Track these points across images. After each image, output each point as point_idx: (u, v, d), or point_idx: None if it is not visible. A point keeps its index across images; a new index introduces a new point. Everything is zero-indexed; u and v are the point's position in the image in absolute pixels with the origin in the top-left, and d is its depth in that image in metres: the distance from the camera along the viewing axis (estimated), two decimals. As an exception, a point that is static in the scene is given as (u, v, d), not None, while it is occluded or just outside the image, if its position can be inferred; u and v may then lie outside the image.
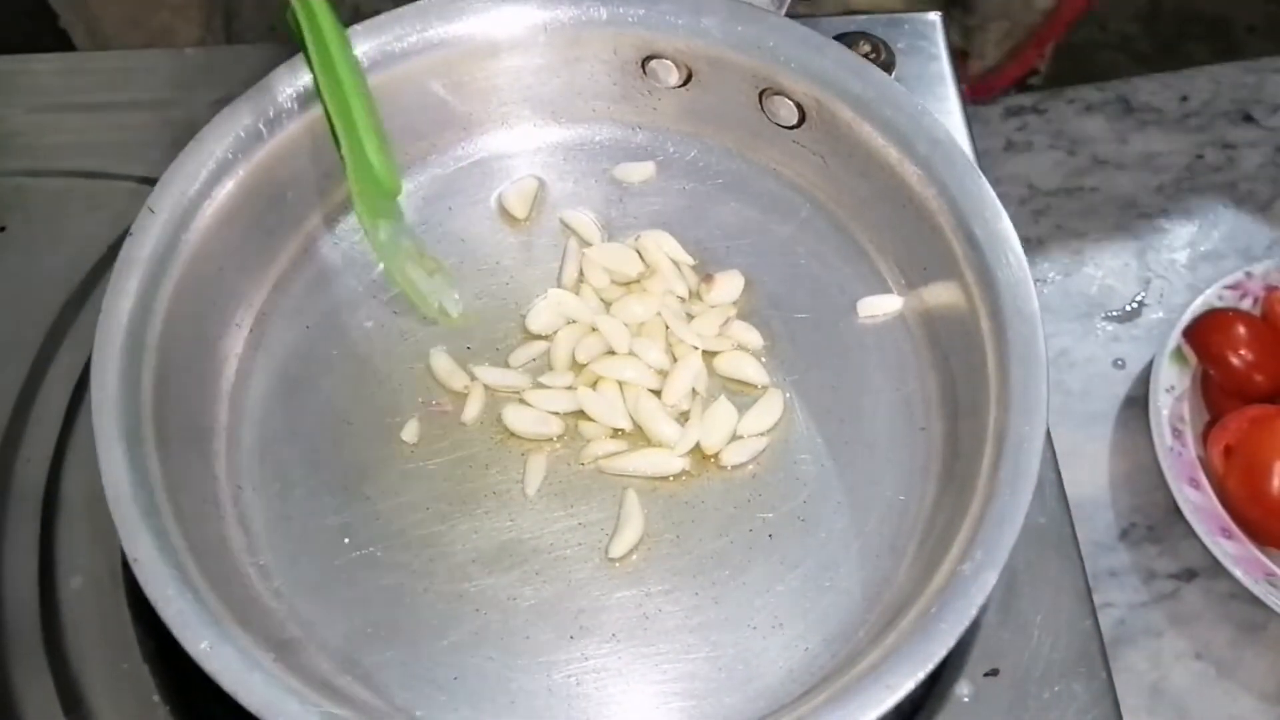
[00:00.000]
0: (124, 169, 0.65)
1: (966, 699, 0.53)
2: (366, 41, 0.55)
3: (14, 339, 0.61)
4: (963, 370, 0.52)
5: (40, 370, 0.60)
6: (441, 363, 0.55)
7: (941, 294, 0.54)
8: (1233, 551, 0.63)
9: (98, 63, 0.73)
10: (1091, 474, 0.71)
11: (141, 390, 0.48)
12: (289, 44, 0.57)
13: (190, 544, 0.46)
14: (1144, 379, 0.72)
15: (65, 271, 0.63)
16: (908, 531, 0.51)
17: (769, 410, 0.54)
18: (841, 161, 0.56)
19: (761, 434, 0.54)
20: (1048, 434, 0.56)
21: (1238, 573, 0.63)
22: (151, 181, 0.64)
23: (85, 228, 0.64)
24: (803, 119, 0.56)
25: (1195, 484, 0.66)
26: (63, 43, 1.00)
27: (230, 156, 0.52)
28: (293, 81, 0.54)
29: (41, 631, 0.54)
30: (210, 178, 0.52)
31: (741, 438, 0.54)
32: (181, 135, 0.53)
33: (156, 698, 0.52)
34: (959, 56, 0.79)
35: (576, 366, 0.56)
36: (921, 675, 0.42)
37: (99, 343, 0.48)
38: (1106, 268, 0.80)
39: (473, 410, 0.54)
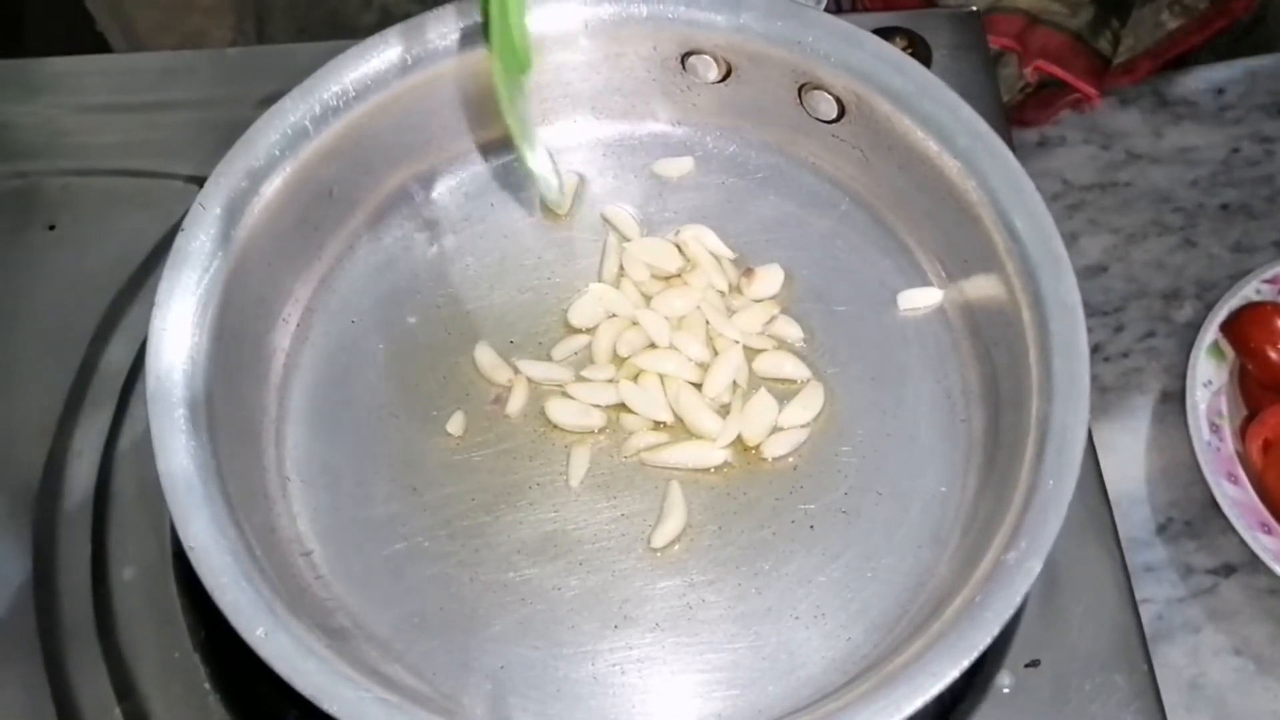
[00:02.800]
0: (169, 168, 0.66)
1: (1007, 690, 0.53)
2: (409, 41, 0.55)
3: (64, 335, 0.62)
4: (1004, 362, 0.52)
5: (90, 366, 0.61)
6: (485, 356, 0.56)
7: (982, 286, 0.54)
8: (1272, 546, 0.63)
9: (142, 64, 0.73)
10: (1128, 469, 0.71)
11: (194, 382, 0.48)
12: (328, 43, 0.58)
13: (243, 533, 0.46)
14: (1180, 373, 0.71)
15: (113, 269, 0.64)
16: (949, 522, 0.51)
17: (810, 402, 0.54)
18: (881, 155, 0.57)
19: (802, 426, 0.54)
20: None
21: (1277, 568, 0.62)
22: (196, 179, 0.65)
23: (132, 225, 0.65)
24: (842, 113, 0.57)
25: (1233, 479, 0.66)
26: (101, 45, 1.01)
27: (278, 154, 0.53)
28: (340, 79, 0.54)
29: (95, 621, 0.55)
30: (259, 175, 0.53)
31: (782, 429, 0.54)
32: (225, 134, 0.54)
33: (207, 685, 0.53)
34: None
35: (618, 360, 0.56)
36: (966, 663, 0.42)
37: (153, 335, 0.49)
38: (1142, 261, 0.80)
39: (516, 403, 0.55)
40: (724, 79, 0.58)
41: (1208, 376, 0.70)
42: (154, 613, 0.55)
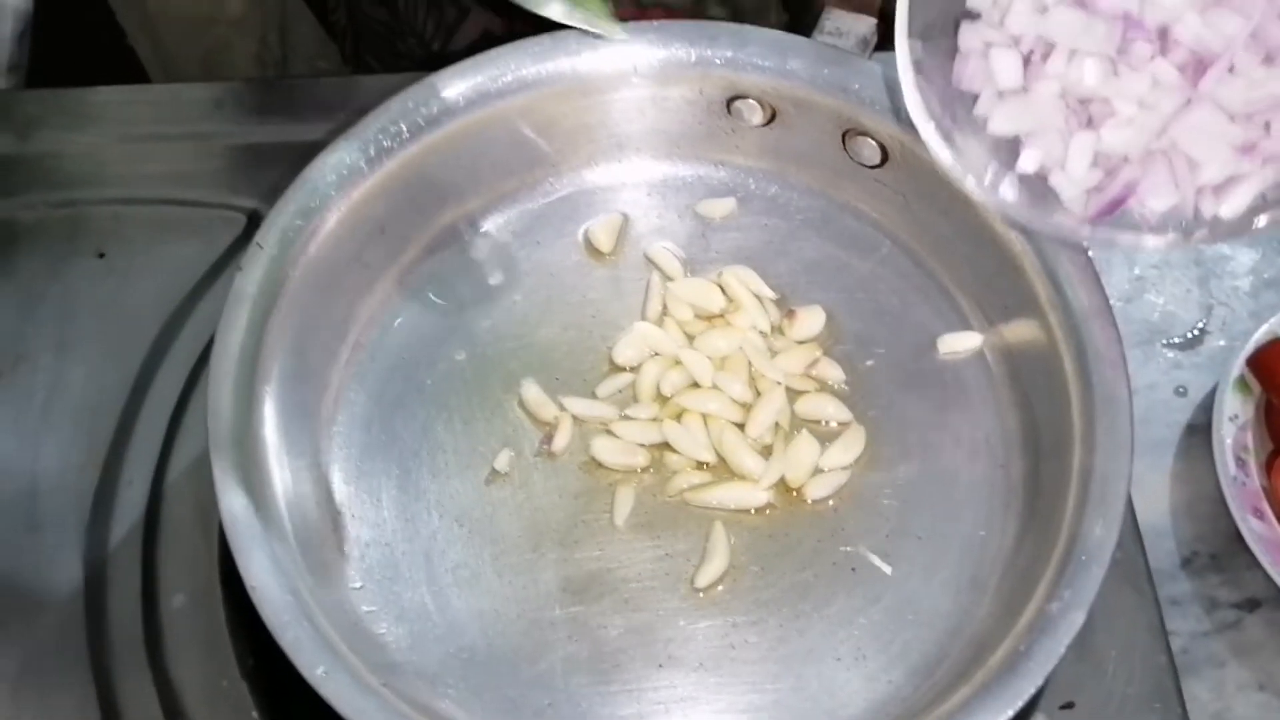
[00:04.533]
0: (216, 197, 0.68)
1: (1043, 731, 0.54)
2: (463, 81, 0.57)
3: (114, 363, 0.63)
4: (1044, 409, 0.53)
5: (140, 394, 0.62)
6: (532, 393, 0.57)
7: (1023, 332, 0.55)
8: None
9: (188, 94, 0.75)
10: (1153, 502, 0.71)
11: (253, 421, 0.49)
12: (371, 76, 0.59)
13: (299, 570, 0.47)
14: (1206, 407, 0.71)
15: (161, 297, 0.65)
16: (989, 567, 0.52)
17: (851, 445, 0.55)
18: (923, 201, 0.58)
19: (844, 468, 0.55)
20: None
21: None
22: (243, 209, 0.67)
23: (181, 254, 0.66)
24: (885, 159, 0.58)
25: (1259, 514, 0.66)
26: (130, 57, 1.02)
27: (333, 193, 0.54)
28: (394, 119, 0.55)
29: (145, 647, 0.56)
30: (314, 213, 0.54)
31: (824, 471, 0.55)
32: (270, 164, 0.55)
33: (255, 714, 0.54)
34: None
35: (661, 399, 0.57)
36: (1011, 712, 0.43)
37: (213, 376, 0.50)
38: (1168, 294, 0.80)
39: (562, 441, 0.56)
40: (769, 123, 0.59)
41: (1234, 411, 0.70)
42: (203, 640, 0.56)
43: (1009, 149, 0.46)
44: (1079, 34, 0.43)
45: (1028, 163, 0.45)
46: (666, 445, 0.56)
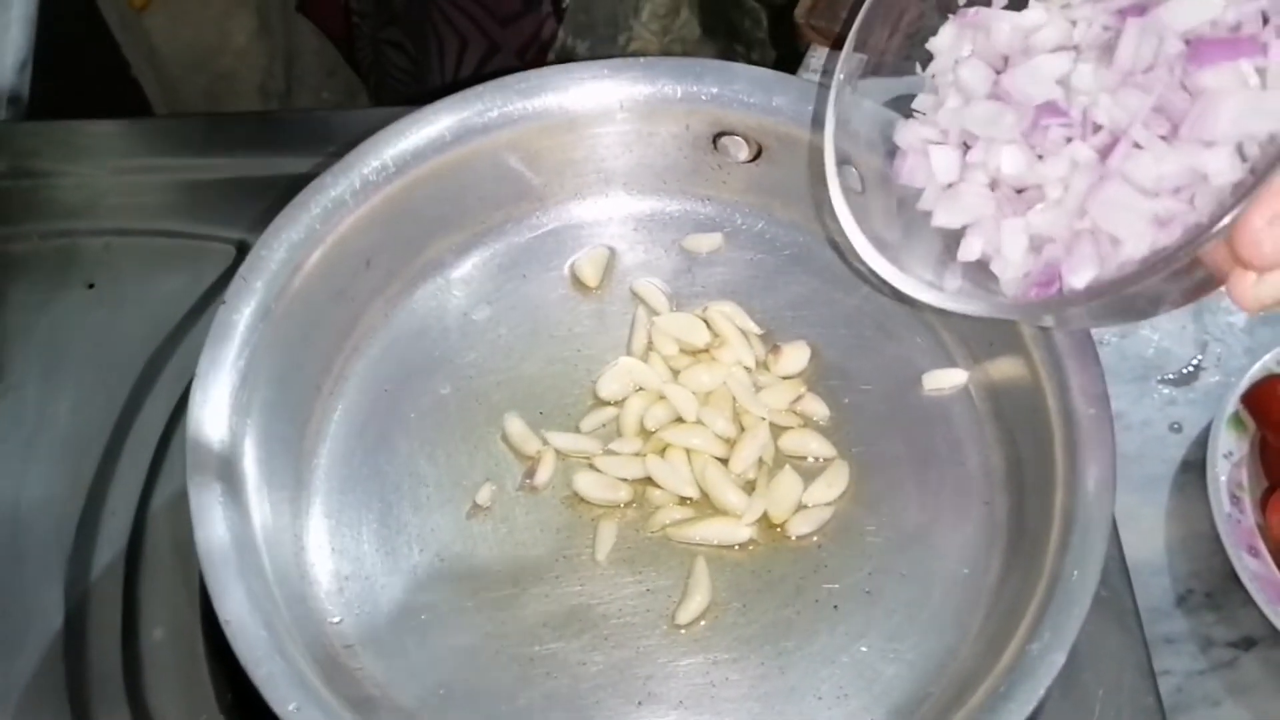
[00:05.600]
0: (207, 229, 0.68)
1: (1028, 772, 0.53)
2: (449, 116, 0.57)
3: (100, 394, 0.63)
4: (1029, 447, 0.53)
5: (125, 425, 0.62)
6: (515, 427, 0.57)
7: (1007, 369, 0.55)
8: None
9: (180, 127, 0.75)
10: (1148, 539, 0.70)
11: (232, 455, 0.49)
12: (363, 110, 0.59)
13: (276, 605, 0.47)
14: (1201, 443, 0.71)
15: (151, 328, 0.65)
16: (972, 605, 0.52)
17: (835, 481, 0.55)
18: (908, 237, 0.58)
19: (827, 504, 0.55)
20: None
21: None
22: (233, 241, 0.67)
23: (170, 285, 0.66)
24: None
25: (1254, 552, 0.66)
26: (135, 88, 1.03)
27: (318, 227, 0.54)
28: (380, 154, 0.56)
29: (123, 679, 0.55)
30: (299, 247, 0.54)
31: (807, 507, 0.55)
32: (262, 197, 0.56)
33: (233, 750, 0.54)
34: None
35: (645, 433, 0.57)
36: (991, 755, 0.42)
37: (193, 409, 0.50)
38: (1163, 330, 0.80)
39: (544, 475, 0.56)
40: (754, 159, 0.60)
41: (1229, 448, 0.70)
42: (182, 674, 0.55)
43: (956, 239, 0.47)
44: (990, 123, 0.45)
45: (968, 251, 0.46)
46: (649, 480, 0.56)
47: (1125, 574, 0.58)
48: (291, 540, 0.53)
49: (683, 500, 0.55)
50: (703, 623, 0.53)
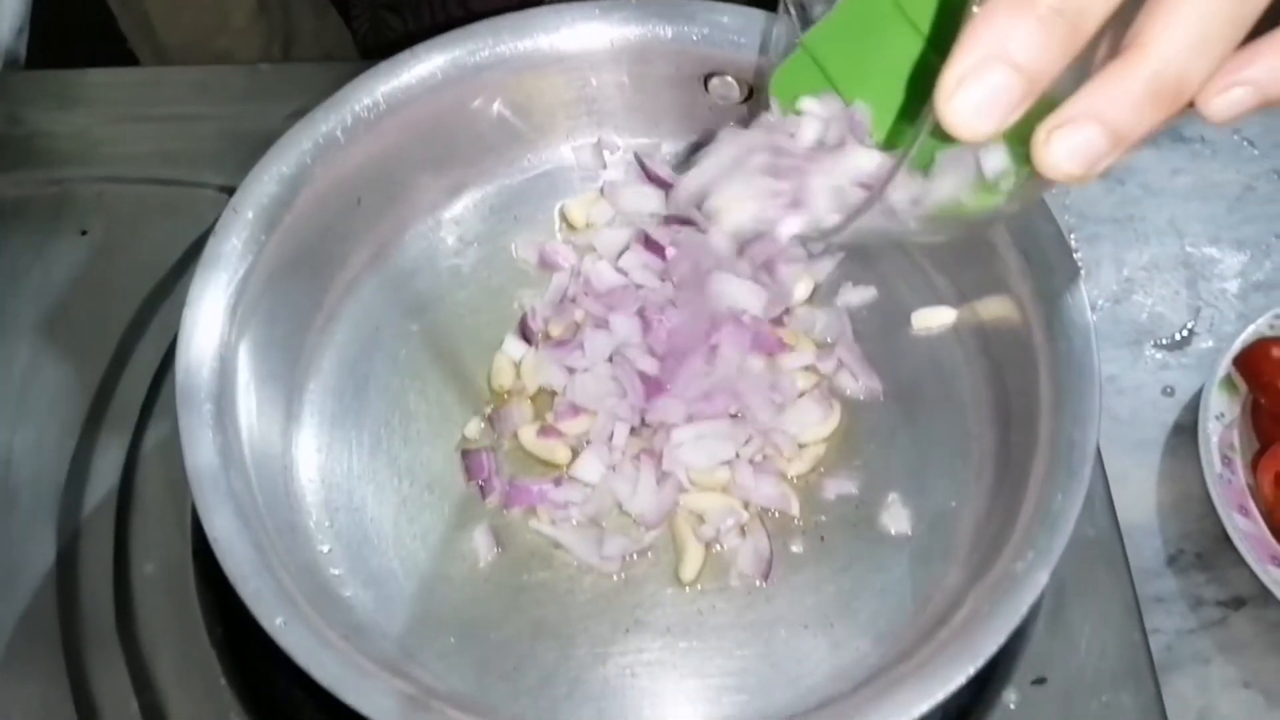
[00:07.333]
0: (200, 177, 0.68)
1: (1013, 706, 0.53)
2: (440, 54, 0.57)
3: (93, 338, 0.63)
4: (1016, 382, 0.53)
5: (118, 367, 0.63)
6: (504, 364, 0.57)
7: (995, 307, 0.55)
8: None
9: (175, 77, 0.75)
10: (1140, 500, 0.70)
11: (221, 380, 0.50)
12: (359, 63, 0.59)
13: (265, 528, 0.47)
14: (1193, 406, 0.71)
15: (143, 273, 0.65)
16: (958, 537, 0.52)
17: (827, 420, 0.55)
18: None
19: (820, 441, 0.55)
20: (1098, 450, 0.57)
21: None
22: (226, 189, 0.67)
23: (163, 232, 0.67)
24: (860, 135, 0.58)
25: (1245, 511, 0.66)
26: (131, 64, 1.03)
27: (309, 162, 0.54)
28: (372, 91, 0.56)
29: (115, 615, 0.56)
30: (290, 182, 0.54)
31: (801, 446, 0.55)
32: (255, 146, 0.55)
33: (223, 682, 0.54)
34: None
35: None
36: (972, 670, 0.43)
37: (183, 332, 0.50)
38: (1156, 295, 0.80)
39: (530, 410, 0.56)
40: (746, 100, 0.60)
41: (1220, 410, 0.70)
42: (173, 609, 0.56)
43: None
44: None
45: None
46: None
47: (1113, 515, 0.59)
48: (281, 471, 0.53)
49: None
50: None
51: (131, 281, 0.65)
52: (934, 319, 0.58)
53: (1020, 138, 0.33)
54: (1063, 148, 0.32)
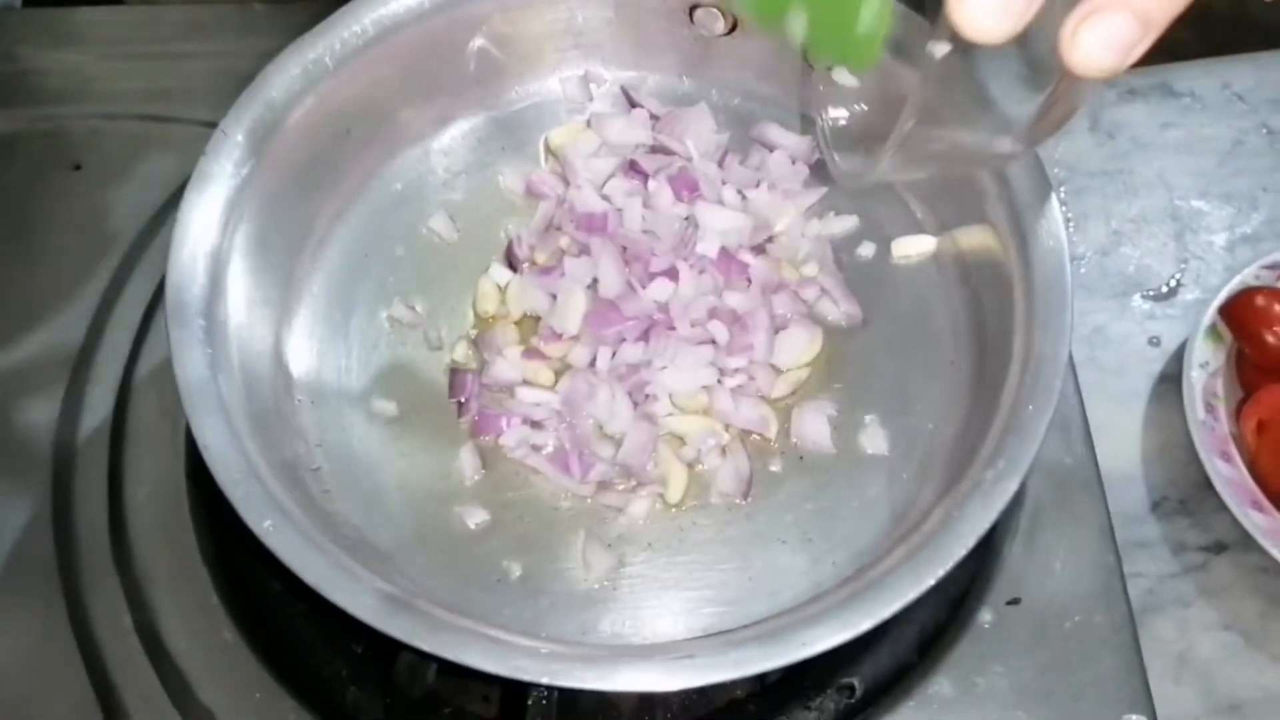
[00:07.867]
0: (191, 114, 0.69)
1: (988, 625, 0.54)
2: (428, -15, 0.57)
3: (87, 271, 0.64)
4: (992, 306, 0.54)
5: (111, 298, 0.63)
6: (489, 289, 0.58)
7: (974, 235, 0.56)
8: (1263, 524, 0.63)
9: (167, 15, 0.76)
10: (1124, 448, 0.71)
11: (212, 297, 0.50)
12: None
13: (255, 441, 0.48)
14: (1178, 357, 0.71)
15: (136, 207, 0.66)
16: (934, 457, 0.53)
17: (808, 344, 0.56)
18: (882, 108, 0.58)
19: (803, 366, 0.56)
20: (1072, 367, 0.57)
21: (1268, 545, 0.62)
22: (216, 125, 0.67)
23: (155, 167, 0.67)
24: (844, 68, 0.58)
25: (1227, 457, 0.66)
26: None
27: (298, 88, 0.55)
28: (360, 19, 0.56)
29: (109, 537, 0.57)
30: (279, 106, 0.55)
31: (783, 371, 0.56)
32: (246, 83, 0.56)
33: (215, 600, 0.55)
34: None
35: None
36: (941, 572, 0.44)
37: (174, 249, 0.50)
38: (1144, 248, 0.80)
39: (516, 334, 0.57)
40: (730, 32, 0.60)
41: (1205, 358, 0.70)
42: (166, 531, 0.57)
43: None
44: None
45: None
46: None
47: (1089, 442, 0.59)
48: (270, 390, 0.54)
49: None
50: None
51: (125, 215, 0.66)
52: (914, 247, 0.58)
53: None
54: (1093, 37, 0.31)
